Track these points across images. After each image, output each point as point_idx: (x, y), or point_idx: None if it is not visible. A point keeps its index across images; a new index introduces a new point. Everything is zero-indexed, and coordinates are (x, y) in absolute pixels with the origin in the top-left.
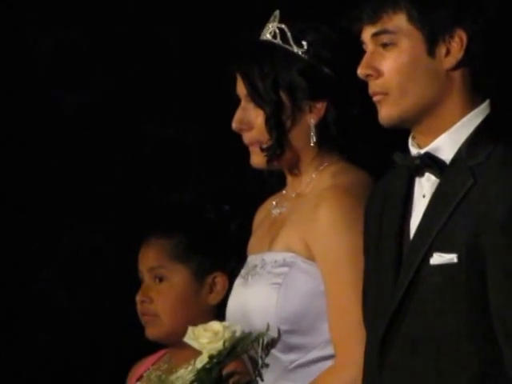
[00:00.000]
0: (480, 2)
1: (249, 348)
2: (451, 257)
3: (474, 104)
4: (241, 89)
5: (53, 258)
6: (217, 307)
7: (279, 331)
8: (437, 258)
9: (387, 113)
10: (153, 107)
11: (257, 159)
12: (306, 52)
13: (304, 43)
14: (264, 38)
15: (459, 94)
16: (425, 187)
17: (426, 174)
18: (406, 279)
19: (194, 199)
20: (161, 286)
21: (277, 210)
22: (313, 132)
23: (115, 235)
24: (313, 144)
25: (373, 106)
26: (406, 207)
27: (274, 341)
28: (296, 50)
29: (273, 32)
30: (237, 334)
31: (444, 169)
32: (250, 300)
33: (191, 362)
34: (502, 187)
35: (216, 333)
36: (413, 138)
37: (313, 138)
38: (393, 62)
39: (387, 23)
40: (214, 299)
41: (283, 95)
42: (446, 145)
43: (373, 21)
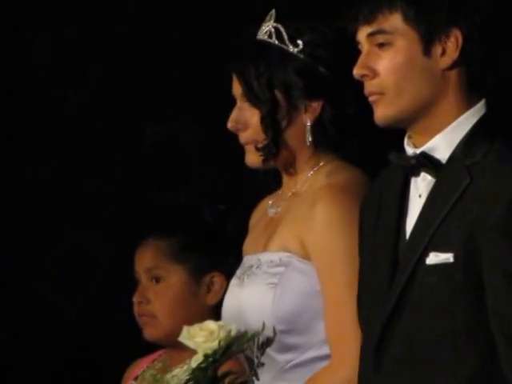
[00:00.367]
0: (475, 2)
1: (244, 347)
2: (447, 256)
3: (470, 103)
4: (236, 88)
5: (51, 258)
6: (216, 307)
7: (275, 331)
8: (433, 258)
9: (383, 113)
10: (152, 107)
11: (252, 158)
12: (302, 51)
13: (300, 42)
14: (260, 38)
15: (455, 94)
16: (421, 187)
17: (422, 174)
18: (402, 279)
19: (191, 199)
20: (158, 287)
21: (273, 210)
22: (308, 131)
23: (114, 235)
24: (308, 143)
25: (368, 106)
26: (402, 207)
27: (270, 341)
28: (292, 50)
29: (268, 32)
30: (232, 334)
31: (440, 168)
32: (246, 300)
33: (186, 362)
34: (499, 186)
35: (211, 332)
36: (408, 138)
37: (308, 138)
38: (389, 62)
39: (383, 23)
40: (212, 299)
41: (279, 94)
42: (442, 144)
43: (369, 21)
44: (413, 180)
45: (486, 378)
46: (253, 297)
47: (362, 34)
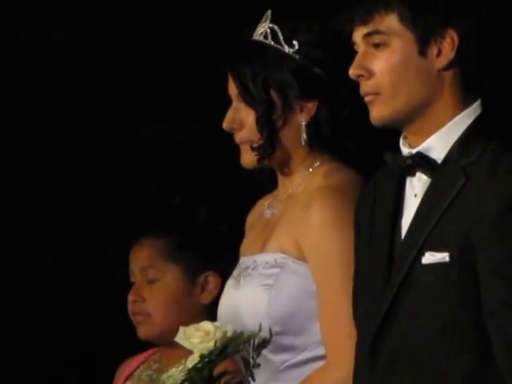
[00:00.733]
0: (471, 3)
1: (240, 348)
2: (443, 256)
3: (466, 104)
4: (232, 89)
5: (51, 258)
6: (210, 306)
7: (270, 332)
8: (429, 258)
9: (379, 113)
10: (152, 107)
11: (247, 158)
12: (297, 52)
13: (295, 43)
14: (256, 39)
15: (451, 94)
16: (416, 187)
17: (418, 174)
18: (398, 279)
19: (186, 199)
20: (153, 286)
21: (269, 211)
22: (304, 131)
23: (114, 235)
24: (303, 143)
25: (364, 106)
26: (398, 207)
27: (266, 342)
28: (287, 50)
29: (264, 32)
30: (228, 334)
31: (435, 168)
32: (242, 301)
33: (182, 362)
34: (494, 186)
35: (207, 333)
36: (404, 138)
37: (303, 137)
38: (384, 63)
39: (379, 24)
40: (207, 298)
41: (274, 95)
42: (438, 144)
43: (365, 21)
44: (408, 180)
45: (481, 379)
46: (248, 298)
47: (358, 35)
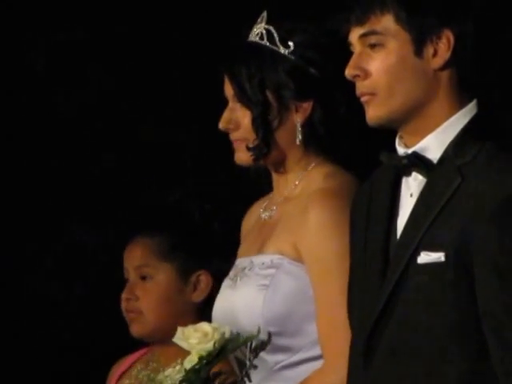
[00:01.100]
0: (467, 3)
1: (237, 349)
2: (438, 255)
3: (462, 104)
4: (228, 90)
5: (50, 257)
6: (201, 305)
7: (269, 334)
8: (424, 257)
9: (375, 113)
10: (152, 107)
11: (242, 156)
12: (293, 52)
13: (290, 44)
14: (251, 40)
15: (446, 94)
16: (412, 186)
17: (413, 174)
18: (393, 278)
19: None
20: (146, 284)
21: (267, 213)
22: (299, 131)
23: (113, 233)
24: (299, 143)
25: (360, 107)
26: (393, 206)
27: (264, 343)
28: (283, 51)
29: (260, 33)
30: (226, 336)
31: (431, 168)
32: (238, 302)
33: (178, 362)
34: (490, 186)
35: (205, 334)
36: (400, 138)
37: (299, 137)
38: (380, 63)
39: (375, 24)
40: (198, 297)
41: (270, 95)
42: (434, 144)
43: (361, 22)
44: (404, 180)
45: (476, 378)
46: (244, 298)
47: (354, 35)
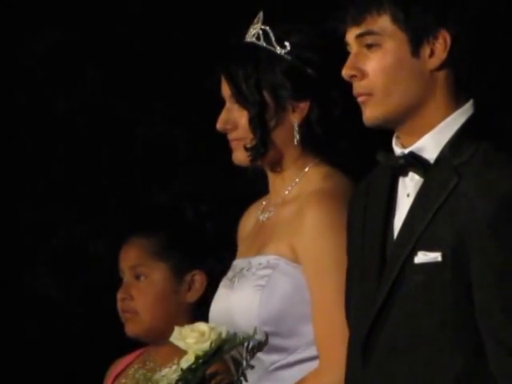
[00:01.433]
0: (463, 3)
1: (234, 349)
2: (435, 255)
3: (458, 104)
4: (225, 90)
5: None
6: (195, 305)
7: (266, 334)
8: (421, 257)
9: (371, 113)
10: (151, 108)
11: (240, 156)
12: (289, 53)
13: (287, 44)
14: (248, 40)
15: (443, 95)
16: (409, 187)
17: (410, 174)
18: (390, 278)
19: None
20: (141, 284)
21: (264, 216)
22: (296, 131)
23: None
24: (296, 143)
25: (356, 106)
26: (390, 206)
27: (260, 344)
28: (279, 51)
29: (256, 34)
30: (223, 336)
31: (428, 168)
32: (235, 302)
33: (175, 362)
34: (486, 186)
35: (202, 333)
36: (397, 138)
37: (296, 137)
38: (377, 63)
39: (371, 24)
40: (193, 297)
41: (267, 96)
42: (430, 145)
43: (357, 22)
44: (401, 180)
45: (473, 378)
46: (241, 298)
47: (351, 36)
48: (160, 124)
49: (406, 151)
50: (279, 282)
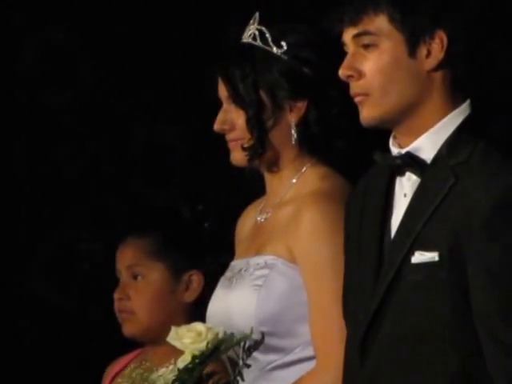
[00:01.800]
0: (460, 4)
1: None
2: (432, 255)
3: (455, 104)
4: (222, 91)
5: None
6: (193, 305)
7: (262, 334)
8: (418, 257)
9: (368, 113)
10: (151, 108)
11: (237, 156)
12: (286, 53)
13: (283, 44)
14: (244, 41)
15: (440, 95)
16: (406, 186)
17: (407, 174)
18: (387, 278)
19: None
20: (138, 284)
21: (262, 217)
22: (293, 130)
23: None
24: (294, 142)
25: (354, 106)
26: (387, 206)
27: (257, 343)
28: (276, 51)
29: (252, 34)
30: (219, 336)
31: (425, 168)
32: (232, 302)
33: (172, 362)
34: (483, 186)
35: (199, 333)
36: (394, 138)
37: (294, 137)
38: (374, 63)
39: (368, 24)
40: (190, 297)
41: (264, 96)
42: (427, 145)
43: (354, 22)
44: (398, 179)
45: (470, 378)
46: (239, 298)
47: (348, 36)
48: (159, 124)
49: (403, 151)
50: (276, 282)
